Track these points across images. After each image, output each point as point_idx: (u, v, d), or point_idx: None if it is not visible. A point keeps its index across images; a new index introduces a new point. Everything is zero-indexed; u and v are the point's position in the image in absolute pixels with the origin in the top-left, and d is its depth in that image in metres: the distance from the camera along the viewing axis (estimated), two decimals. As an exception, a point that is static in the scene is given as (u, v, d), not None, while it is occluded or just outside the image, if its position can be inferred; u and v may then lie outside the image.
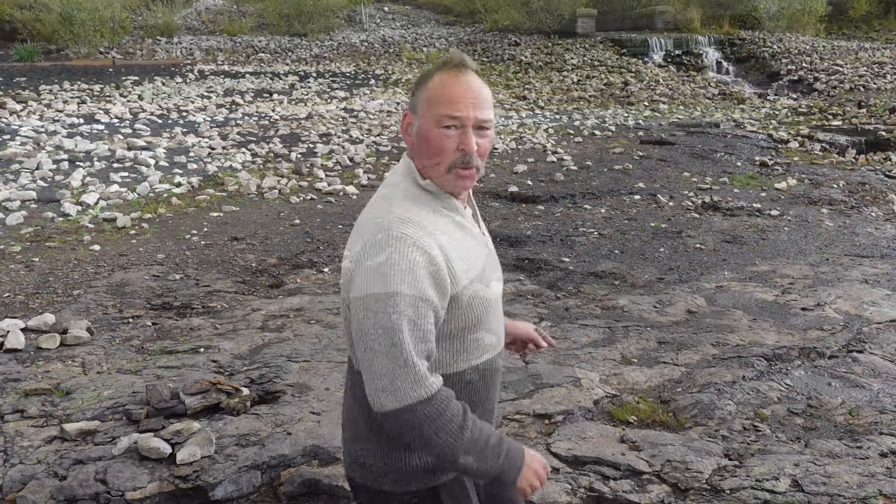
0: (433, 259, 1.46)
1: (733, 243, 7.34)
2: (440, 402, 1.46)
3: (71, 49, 20.52)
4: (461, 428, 1.46)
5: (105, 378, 3.87)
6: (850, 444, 3.20)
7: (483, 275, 1.58)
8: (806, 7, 26.36)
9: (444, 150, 1.53)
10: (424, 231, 1.49)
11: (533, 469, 1.54)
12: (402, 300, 1.43)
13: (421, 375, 1.45)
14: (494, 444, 1.50)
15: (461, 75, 1.54)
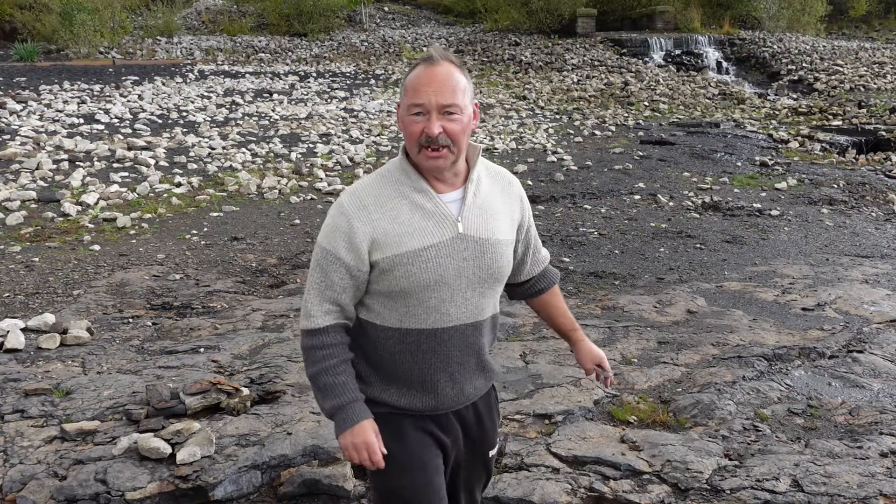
0: (353, 228, 1.79)
1: (733, 243, 7.34)
2: (318, 340, 1.83)
3: (71, 49, 20.51)
4: (320, 372, 1.82)
5: (105, 378, 3.87)
6: (850, 444, 3.20)
7: (418, 253, 1.78)
8: (806, 7, 26.34)
9: (412, 133, 1.78)
10: (360, 204, 1.81)
11: (349, 440, 1.81)
12: (321, 251, 1.84)
13: (311, 312, 1.85)
14: (336, 398, 1.82)
15: (429, 67, 1.76)
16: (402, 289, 1.80)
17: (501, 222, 1.90)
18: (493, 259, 1.87)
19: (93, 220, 7.53)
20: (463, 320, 1.87)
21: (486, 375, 2.00)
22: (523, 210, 2.01)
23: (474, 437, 2.02)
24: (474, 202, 1.86)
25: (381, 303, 1.86)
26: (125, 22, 23.23)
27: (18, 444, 3.17)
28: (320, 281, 1.84)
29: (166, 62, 20.07)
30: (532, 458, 3.10)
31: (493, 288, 1.93)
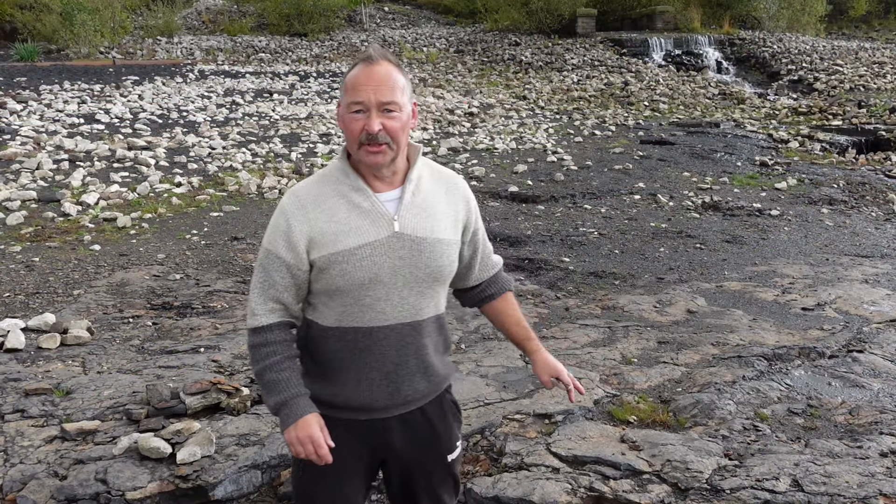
0: (291, 227, 1.83)
1: (733, 243, 7.35)
2: (262, 337, 1.87)
3: (71, 49, 20.50)
4: (265, 369, 1.86)
5: (105, 378, 3.87)
6: (850, 443, 3.20)
7: (354, 252, 1.81)
8: (806, 7, 26.33)
9: (352, 130, 1.81)
10: (298, 203, 1.85)
11: (293, 435, 1.83)
12: (264, 251, 1.89)
13: (254, 310, 1.89)
14: (277, 392, 1.85)
15: (368, 66, 1.80)
16: (338, 287, 1.84)
17: (442, 222, 1.91)
18: (431, 258, 1.87)
19: (93, 219, 7.53)
20: (400, 319, 1.88)
21: (430, 379, 1.97)
22: (469, 211, 2.00)
23: (426, 443, 2.00)
24: (412, 201, 1.88)
25: (322, 301, 1.90)
26: (125, 22, 23.23)
27: (19, 443, 3.17)
28: (263, 280, 1.88)
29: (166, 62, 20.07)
30: (532, 458, 3.10)
31: (433, 288, 1.93)
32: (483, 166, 10.58)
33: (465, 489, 2.93)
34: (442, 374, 2.02)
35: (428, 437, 2.00)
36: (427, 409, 2.00)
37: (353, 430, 1.93)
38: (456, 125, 13.91)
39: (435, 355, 1.98)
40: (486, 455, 3.20)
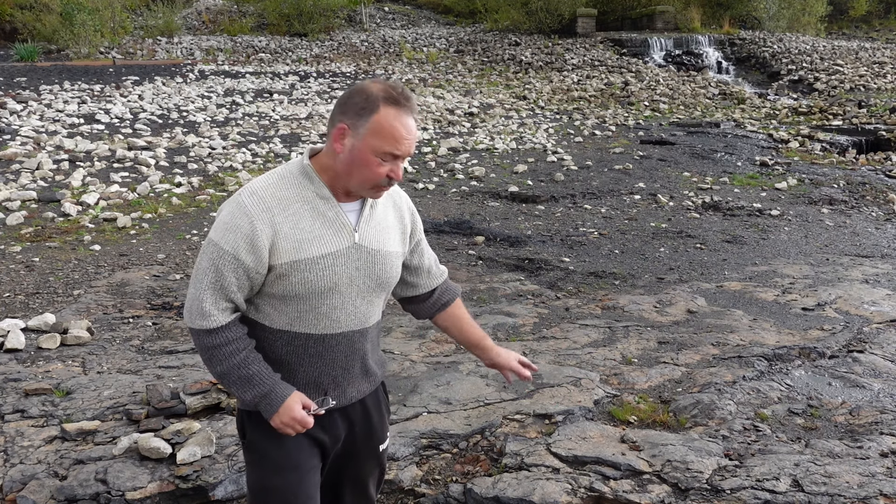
0: (255, 229, 1.77)
1: (734, 243, 7.34)
2: (220, 338, 1.82)
3: (71, 49, 20.49)
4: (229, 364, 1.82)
5: (105, 378, 3.87)
6: (850, 444, 3.20)
7: (317, 261, 1.82)
8: (806, 7, 26.33)
9: (376, 174, 1.81)
10: (263, 206, 1.80)
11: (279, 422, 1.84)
12: (218, 251, 1.80)
13: (207, 311, 1.82)
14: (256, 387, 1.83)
15: (405, 115, 1.80)
16: (296, 294, 1.84)
17: (392, 235, 1.98)
18: (384, 269, 1.94)
19: (93, 220, 7.53)
20: (351, 327, 1.93)
21: (371, 379, 2.05)
22: (414, 222, 2.09)
23: (362, 433, 2.07)
24: (371, 214, 1.93)
25: (271, 305, 1.88)
26: (125, 22, 23.21)
27: (19, 443, 3.17)
28: (215, 280, 1.82)
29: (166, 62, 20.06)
30: (532, 458, 3.10)
31: (380, 296, 2.00)
32: (483, 166, 10.58)
33: (465, 489, 2.94)
34: (379, 374, 2.10)
35: (366, 427, 2.07)
36: (366, 400, 2.07)
37: None
38: (456, 125, 13.91)
39: (373, 357, 2.05)
40: (486, 455, 3.20)
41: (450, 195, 9.22)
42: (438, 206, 8.66)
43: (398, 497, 3.00)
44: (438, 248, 6.99)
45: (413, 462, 3.14)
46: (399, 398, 3.69)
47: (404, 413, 3.50)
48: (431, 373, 4.01)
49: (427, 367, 4.11)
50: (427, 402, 3.62)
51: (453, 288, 2.25)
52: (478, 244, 7.20)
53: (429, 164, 10.74)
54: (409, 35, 25.64)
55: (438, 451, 3.23)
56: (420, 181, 9.84)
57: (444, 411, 3.53)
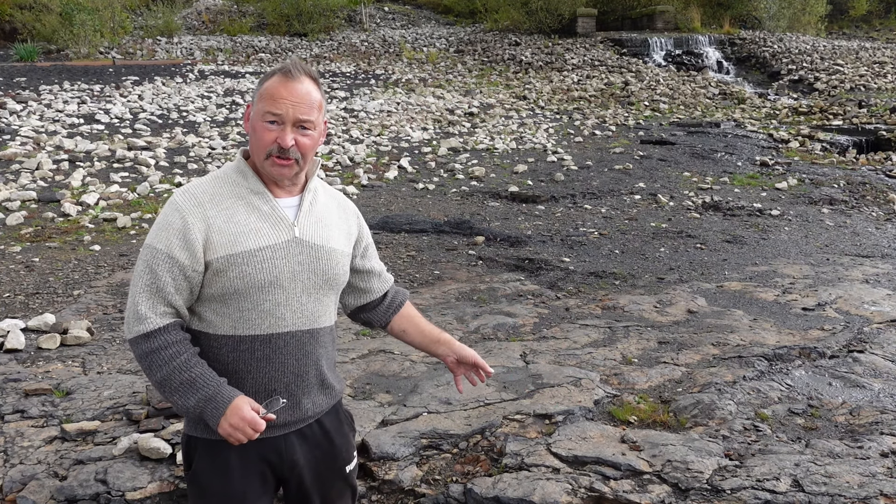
0: (187, 224, 1.74)
1: (734, 243, 7.34)
2: (158, 341, 1.72)
3: (71, 49, 20.50)
4: (169, 369, 1.71)
5: (105, 378, 3.87)
6: (850, 444, 3.19)
7: (255, 254, 1.77)
8: (806, 7, 26.32)
9: (264, 140, 1.79)
10: (195, 201, 1.77)
11: (226, 426, 1.71)
12: (153, 252, 1.75)
13: (143, 315, 1.73)
14: (199, 390, 1.71)
15: (289, 80, 1.79)
16: (236, 290, 1.77)
17: (336, 233, 1.94)
18: (329, 265, 1.90)
19: (93, 220, 7.53)
20: (298, 326, 1.86)
21: (328, 392, 1.96)
22: (361, 227, 2.08)
23: (325, 457, 1.98)
24: (310, 210, 1.90)
25: (213, 309, 1.81)
26: (125, 22, 23.21)
27: (19, 444, 3.17)
28: (150, 283, 1.74)
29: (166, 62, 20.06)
30: (532, 458, 3.09)
31: (328, 296, 1.94)
32: (483, 166, 10.58)
33: (466, 489, 2.93)
34: (337, 388, 2.02)
35: (327, 449, 1.98)
36: (324, 420, 1.98)
37: (252, 451, 1.84)
38: (456, 125, 13.91)
39: (329, 370, 1.97)
40: (486, 455, 3.20)
41: (450, 195, 9.21)
42: (438, 206, 8.66)
43: (398, 497, 2.99)
44: (438, 248, 6.99)
45: (413, 462, 3.14)
46: (399, 398, 3.68)
47: (404, 413, 3.50)
48: (431, 373, 4.01)
49: (427, 367, 4.11)
50: (427, 402, 3.62)
51: (403, 290, 2.22)
52: (478, 244, 7.20)
53: (429, 164, 10.74)
54: (409, 35, 25.64)
55: (438, 451, 3.23)
56: (420, 181, 9.83)
57: (444, 411, 3.53)
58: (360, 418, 3.44)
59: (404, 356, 4.31)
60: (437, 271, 6.30)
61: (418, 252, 6.83)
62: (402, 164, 10.57)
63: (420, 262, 6.52)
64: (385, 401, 3.67)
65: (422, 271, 6.28)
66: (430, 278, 6.12)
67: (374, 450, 3.16)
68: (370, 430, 3.34)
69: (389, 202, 8.74)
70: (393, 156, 11.12)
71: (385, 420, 3.44)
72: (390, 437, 3.25)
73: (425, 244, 7.12)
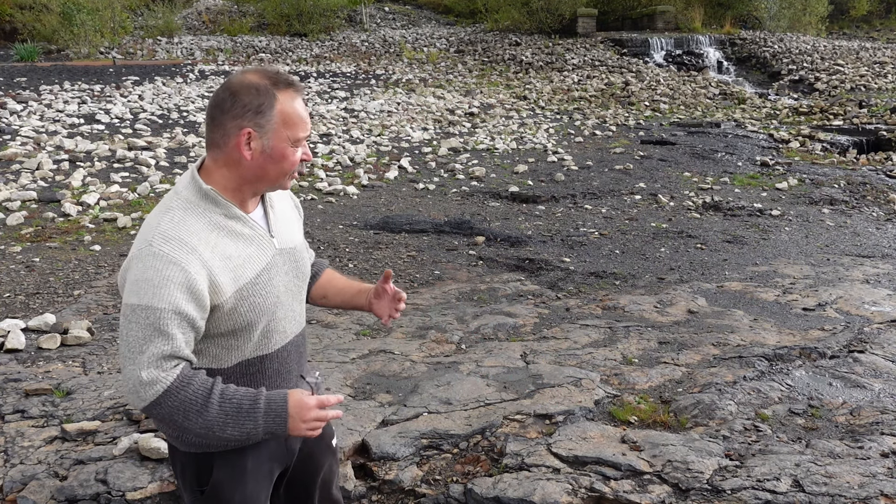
0: (189, 275, 1.58)
1: (734, 243, 7.34)
2: (175, 392, 1.58)
3: (71, 49, 20.50)
4: (204, 407, 1.59)
5: (106, 378, 3.87)
6: (851, 444, 3.19)
7: (257, 281, 1.71)
8: (807, 7, 26.32)
9: (292, 163, 1.71)
10: (186, 248, 1.60)
11: (300, 420, 1.66)
12: (152, 314, 1.56)
13: (154, 378, 1.57)
14: (248, 410, 1.62)
15: (300, 97, 1.72)
16: (248, 322, 1.71)
17: (295, 227, 1.93)
18: (303, 263, 1.90)
19: (93, 220, 7.53)
20: (295, 331, 1.87)
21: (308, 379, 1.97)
22: (299, 208, 2.04)
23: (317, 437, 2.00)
24: (275, 215, 1.84)
25: (219, 344, 1.73)
26: (125, 22, 23.21)
27: (19, 444, 3.17)
28: (151, 348, 1.58)
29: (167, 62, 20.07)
30: (533, 459, 3.09)
31: (304, 291, 1.95)
32: (483, 166, 10.58)
33: (466, 489, 2.93)
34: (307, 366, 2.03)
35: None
36: None
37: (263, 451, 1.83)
38: (456, 125, 13.91)
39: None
40: (486, 455, 3.20)
41: (450, 195, 9.21)
42: (439, 206, 8.66)
43: (398, 497, 2.99)
44: (438, 249, 6.99)
45: (413, 462, 3.14)
46: (399, 398, 3.68)
47: (404, 413, 3.50)
48: (431, 373, 4.01)
49: (427, 368, 4.11)
50: (427, 403, 3.62)
51: (322, 261, 2.19)
52: (478, 244, 7.20)
53: (429, 165, 10.74)
54: (409, 35, 25.64)
55: (439, 451, 3.23)
56: (420, 181, 9.83)
57: (445, 411, 3.53)
58: (360, 418, 3.44)
59: (404, 356, 4.31)
60: (437, 271, 6.30)
61: (418, 252, 6.83)
62: (402, 164, 10.57)
63: (420, 262, 6.52)
64: (385, 401, 3.67)
65: (422, 271, 6.28)
66: (431, 278, 6.12)
67: (374, 450, 3.16)
68: (370, 430, 3.34)
69: (390, 202, 8.74)
70: (393, 156, 11.12)
71: (385, 420, 3.44)
72: (390, 438, 3.25)
73: (425, 244, 7.12)
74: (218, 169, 1.71)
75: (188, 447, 1.77)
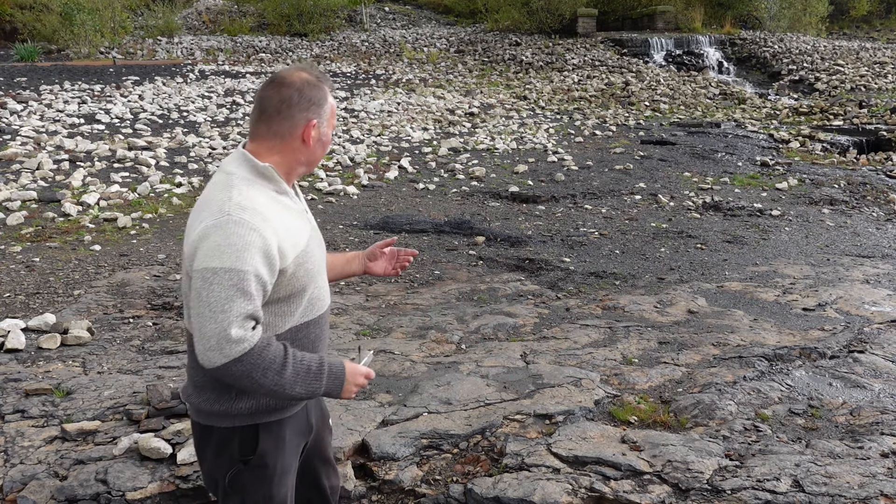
0: (266, 241, 1.75)
1: (734, 243, 7.34)
2: (259, 351, 1.73)
3: (71, 49, 20.50)
4: (283, 367, 1.76)
5: (106, 378, 3.87)
6: (851, 444, 3.19)
7: (308, 249, 1.90)
8: (807, 7, 26.32)
9: (327, 148, 1.98)
10: (260, 216, 1.77)
11: (353, 383, 1.89)
12: (236, 275, 1.71)
13: (242, 336, 1.71)
14: (315, 372, 1.83)
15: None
16: (302, 287, 1.88)
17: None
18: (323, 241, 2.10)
19: (93, 220, 7.53)
20: (328, 301, 2.05)
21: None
22: None
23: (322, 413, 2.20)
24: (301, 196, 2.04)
25: (273, 311, 1.86)
26: (126, 22, 23.21)
27: (19, 444, 3.17)
28: (241, 305, 1.72)
29: (167, 62, 20.07)
30: (533, 459, 3.09)
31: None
32: (484, 166, 10.58)
33: (466, 489, 2.93)
34: None
35: (321, 405, 2.20)
36: None
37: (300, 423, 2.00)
38: (456, 125, 13.91)
39: None
40: (486, 455, 3.20)
41: (450, 195, 9.21)
42: (439, 206, 8.66)
43: (398, 497, 2.99)
44: (439, 249, 6.99)
45: (413, 462, 3.14)
46: (399, 398, 3.68)
47: (404, 413, 3.50)
48: (432, 373, 4.01)
49: (427, 368, 4.11)
50: (427, 403, 3.62)
51: None
52: (478, 244, 7.20)
53: (429, 165, 10.73)
54: (409, 35, 25.64)
55: (439, 451, 3.23)
56: (420, 181, 9.83)
57: (445, 411, 3.53)
58: (360, 418, 3.44)
59: (404, 356, 4.31)
60: (437, 271, 6.30)
61: (419, 252, 6.82)
62: (402, 164, 10.57)
63: (420, 262, 6.52)
64: (385, 401, 3.67)
65: (422, 271, 6.28)
66: (431, 278, 6.12)
67: (374, 450, 3.16)
68: (370, 430, 3.34)
69: (390, 202, 8.74)
70: (393, 156, 11.12)
71: (385, 420, 3.44)
72: (390, 438, 3.25)
73: (426, 244, 7.12)
74: (270, 156, 1.88)
75: (232, 420, 1.87)
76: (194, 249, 1.75)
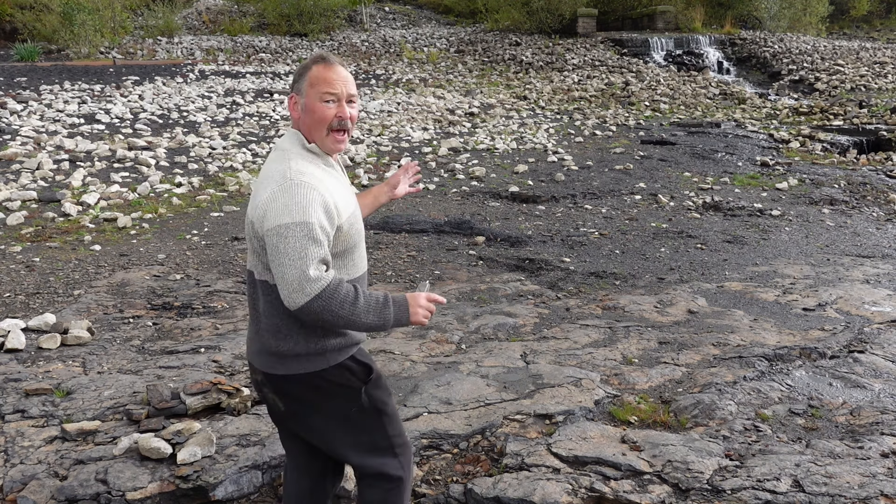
0: (325, 198, 2.04)
1: (734, 243, 7.34)
2: (335, 287, 2.00)
3: (71, 49, 20.50)
4: (356, 299, 2.02)
5: (106, 378, 3.87)
6: (851, 444, 3.19)
7: (356, 212, 2.20)
8: (807, 7, 26.32)
9: (326, 117, 2.12)
10: (316, 179, 2.06)
11: (417, 307, 2.13)
12: (305, 226, 1.98)
13: (319, 275, 1.98)
14: (383, 303, 2.07)
15: (333, 65, 2.14)
16: (354, 243, 2.17)
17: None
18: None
19: (93, 220, 7.53)
20: (366, 266, 2.31)
21: None
22: None
23: None
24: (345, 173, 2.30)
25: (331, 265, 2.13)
26: (126, 22, 23.22)
27: (19, 444, 3.17)
28: (313, 252, 1.98)
29: (167, 62, 20.06)
30: (533, 459, 3.09)
31: None
32: (484, 166, 10.58)
33: (466, 489, 2.93)
34: None
35: None
36: None
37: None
38: (456, 125, 13.91)
39: None
40: (486, 455, 3.20)
41: (450, 195, 9.21)
42: (439, 206, 8.66)
43: (398, 497, 2.99)
44: (439, 248, 6.99)
45: (413, 462, 3.14)
46: (399, 398, 3.68)
47: (405, 413, 3.50)
48: (431, 373, 4.01)
49: (427, 368, 4.11)
50: (427, 403, 3.62)
51: None
52: (478, 244, 7.20)
53: (429, 164, 10.74)
54: (409, 35, 25.63)
55: (439, 451, 3.23)
56: (420, 181, 9.83)
57: (445, 411, 3.53)
58: (360, 418, 3.43)
59: (405, 356, 4.31)
60: (437, 271, 6.30)
61: (419, 252, 6.83)
62: (402, 164, 10.57)
63: (420, 262, 6.52)
64: (385, 401, 3.66)
65: (422, 271, 6.28)
66: (431, 278, 6.12)
67: (374, 450, 3.16)
68: (370, 430, 3.34)
69: (390, 202, 8.73)
70: (393, 156, 11.12)
71: (385, 420, 3.44)
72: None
73: (426, 244, 7.12)
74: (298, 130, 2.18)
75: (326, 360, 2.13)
76: (263, 212, 2.01)
